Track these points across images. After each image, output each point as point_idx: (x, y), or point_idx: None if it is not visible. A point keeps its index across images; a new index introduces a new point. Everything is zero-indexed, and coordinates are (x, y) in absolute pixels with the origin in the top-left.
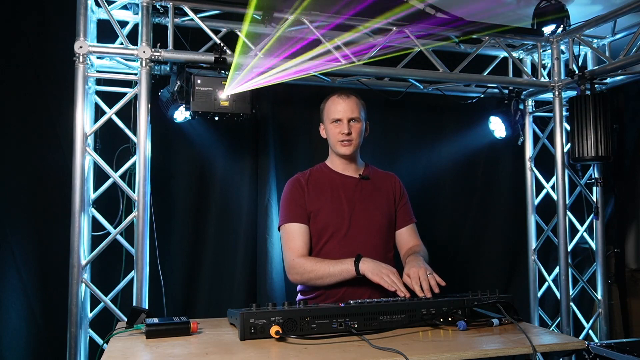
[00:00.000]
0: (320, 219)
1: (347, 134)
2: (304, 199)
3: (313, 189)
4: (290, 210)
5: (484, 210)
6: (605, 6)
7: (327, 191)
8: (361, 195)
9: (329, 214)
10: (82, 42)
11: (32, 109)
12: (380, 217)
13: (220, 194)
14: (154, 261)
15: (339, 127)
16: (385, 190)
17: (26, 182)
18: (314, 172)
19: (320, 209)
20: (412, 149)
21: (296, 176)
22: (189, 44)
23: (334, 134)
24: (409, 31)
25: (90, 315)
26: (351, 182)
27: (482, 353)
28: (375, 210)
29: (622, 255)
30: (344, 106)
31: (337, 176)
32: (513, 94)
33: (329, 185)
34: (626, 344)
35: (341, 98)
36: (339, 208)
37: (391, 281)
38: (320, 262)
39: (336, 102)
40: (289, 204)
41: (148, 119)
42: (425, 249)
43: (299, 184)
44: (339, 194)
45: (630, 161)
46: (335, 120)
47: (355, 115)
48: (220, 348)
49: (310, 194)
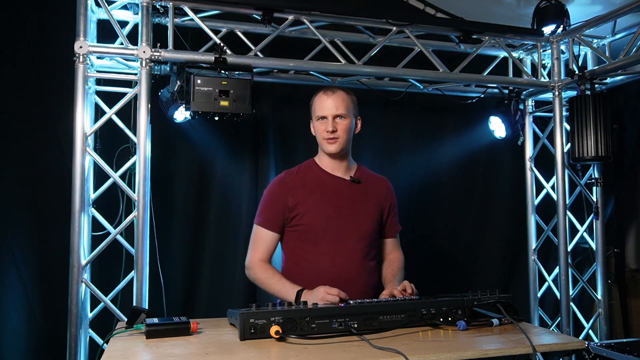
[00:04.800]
0: (305, 222)
1: (331, 131)
2: (283, 203)
3: (300, 189)
4: (265, 214)
5: (483, 210)
6: (605, 6)
7: (314, 192)
8: (351, 200)
9: (315, 217)
10: (82, 42)
11: (32, 109)
12: (368, 225)
13: (220, 194)
14: (154, 261)
15: (324, 125)
16: (376, 197)
17: (26, 182)
18: (302, 170)
19: (307, 211)
20: (412, 149)
21: (282, 176)
22: (189, 44)
23: (320, 132)
24: (409, 31)
25: (90, 315)
26: (341, 185)
27: (482, 353)
28: (364, 217)
29: (622, 255)
30: (329, 103)
31: (327, 177)
32: (513, 94)
33: (318, 186)
34: (626, 344)
35: (326, 94)
36: (327, 212)
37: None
38: (270, 279)
39: (322, 99)
40: (266, 207)
41: (148, 119)
42: (403, 258)
43: (283, 185)
44: (327, 196)
45: (630, 161)
46: (321, 118)
47: (341, 112)
48: (220, 348)
49: (296, 195)
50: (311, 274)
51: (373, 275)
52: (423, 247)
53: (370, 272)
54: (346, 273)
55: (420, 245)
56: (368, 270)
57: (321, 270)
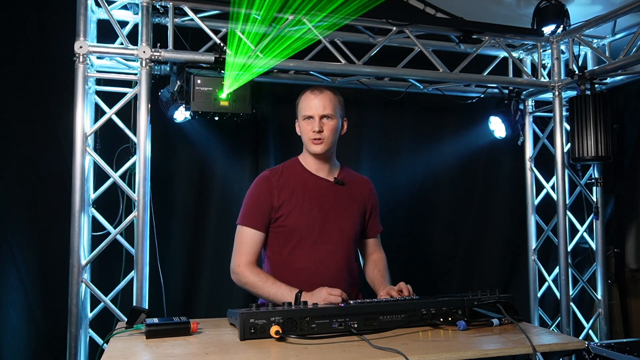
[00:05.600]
0: (289, 223)
1: (317, 131)
2: (269, 202)
3: (284, 189)
4: (250, 212)
5: (483, 210)
6: (605, 6)
7: (298, 193)
8: (334, 201)
9: (299, 218)
10: (82, 42)
11: (32, 109)
12: (351, 227)
13: (220, 194)
14: (154, 261)
15: (310, 125)
16: (359, 199)
17: (26, 182)
18: (286, 170)
19: (291, 212)
20: (412, 148)
21: (266, 173)
22: (189, 44)
23: (305, 132)
24: (409, 31)
25: (90, 315)
26: (325, 186)
27: (482, 353)
28: (347, 219)
29: (622, 255)
30: (316, 102)
31: (311, 177)
32: (513, 94)
33: (302, 186)
34: (626, 344)
35: (314, 94)
36: (310, 213)
37: (335, 299)
38: (264, 282)
39: (308, 98)
40: (250, 206)
41: (148, 119)
42: (385, 257)
43: (268, 184)
44: (311, 197)
45: (630, 161)
46: (307, 117)
47: (328, 112)
48: (220, 348)
49: (281, 195)
50: (294, 276)
51: (354, 276)
52: (423, 247)
53: (352, 273)
54: (329, 274)
55: (420, 245)
56: (350, 272)
57: (304, 271)
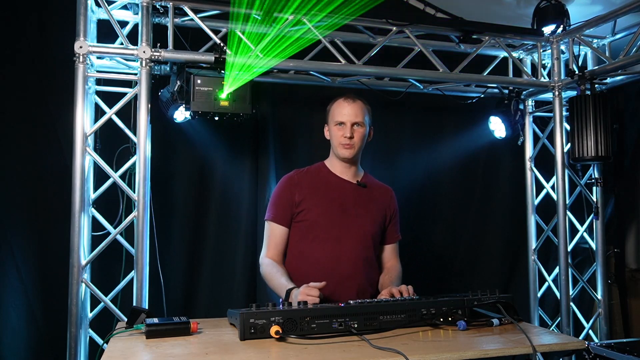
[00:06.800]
0: (310, 217)
1: (349, 137)
2: (292, 199)
3: (307, 186)
4: (276, 209)
5: (483, 210)
6: (605, 6)
7: (321, 190)
8: (355, 202)
9: (319, 214)
10: (82, 42)
11: (32, 109)
12: (370, 228)
13: (220, 194)
14: (154, 261)
15: (342, 130)
16: (380, 203)
17: (26, 182)
18: (311, 171)
19: (311, 208)
20: (412, 149)
21: (292, 173)
22: (189, 44)
23: (336, 137)
24: (409, 31)
25: (90, 315)
26: (347, 187)
27: (482, 353)
28: (366, 219)
29: (622, 255)
30: (349, 110)
31: (334, 178)
32: (513, 94)
33: (324, 185)
34: (626, 344)
35: (347, 102)
36: (330, 211)
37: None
38: (273, 275)
39: (342, 105)
40: (276, 203)
41: (148, 119)
42: (400, 267)
43: (291, 182)
44: (333, 195)
45: (630, 161)
46: (339, 123)
47: (359, 120)
48: (220, 348)
49: (303, 191)
50: (311, 268)
51: (371, 274)
52: (423, 247)
53: (368, 271)
54: (344, 269)
55: (420, 245)
56: (366, 269)
57: (321, 265)
